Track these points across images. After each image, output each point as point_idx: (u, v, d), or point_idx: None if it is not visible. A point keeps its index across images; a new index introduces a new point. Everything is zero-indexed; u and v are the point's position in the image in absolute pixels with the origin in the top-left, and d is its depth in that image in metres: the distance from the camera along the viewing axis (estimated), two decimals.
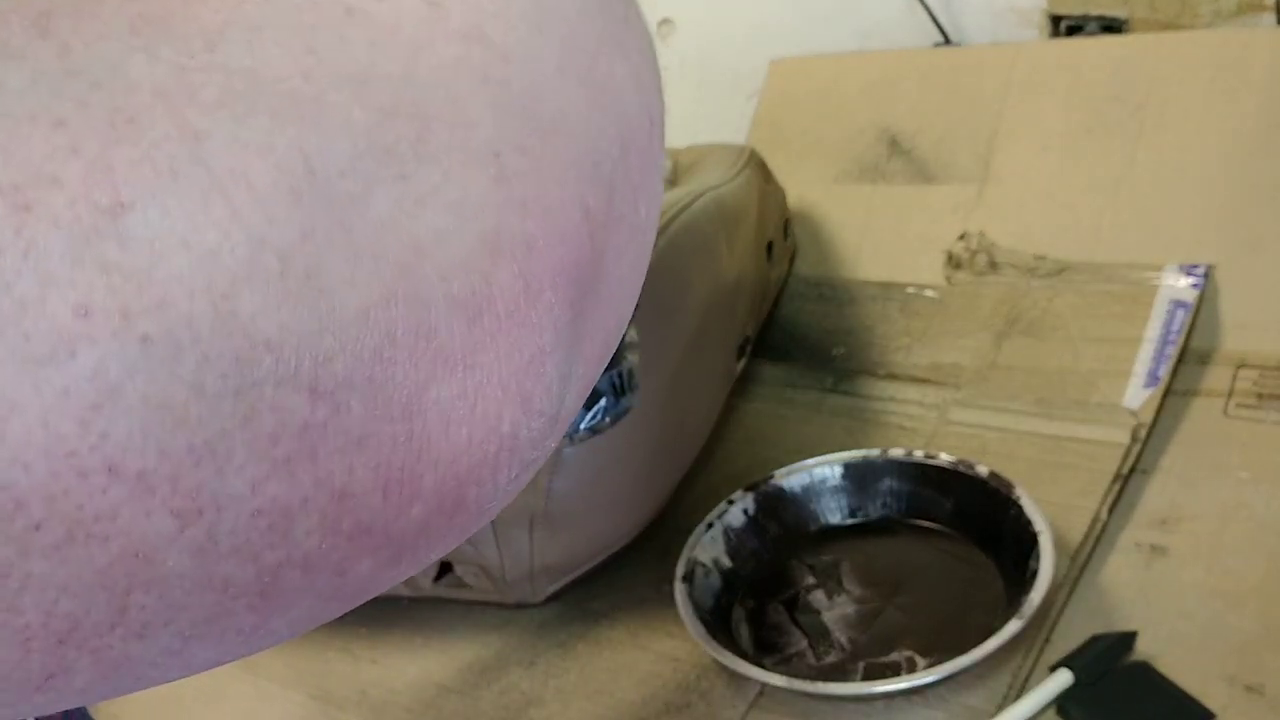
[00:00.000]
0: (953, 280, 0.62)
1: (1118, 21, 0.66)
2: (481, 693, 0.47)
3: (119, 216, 0.13)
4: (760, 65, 0.76)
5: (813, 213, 0.70)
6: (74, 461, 0.13)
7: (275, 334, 0.14)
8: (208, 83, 0.14)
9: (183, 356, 0.13)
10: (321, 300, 0.14)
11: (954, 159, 0.65)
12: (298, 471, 0.15)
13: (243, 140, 0.14)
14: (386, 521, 0.16)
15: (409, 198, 0.15)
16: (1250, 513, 0.46)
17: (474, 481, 0.17)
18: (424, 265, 0.15)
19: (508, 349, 0.17)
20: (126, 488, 0.13)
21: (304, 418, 0.14)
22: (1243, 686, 0.39)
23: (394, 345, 0.15)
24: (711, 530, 0.50)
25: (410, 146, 0.15)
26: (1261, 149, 0.56)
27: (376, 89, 0.15)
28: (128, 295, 0.13)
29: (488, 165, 0.16)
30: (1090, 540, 0.47)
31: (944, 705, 0.41)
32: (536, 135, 0.17)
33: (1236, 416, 0.51)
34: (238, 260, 0.14)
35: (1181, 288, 0.55)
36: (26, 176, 0.13)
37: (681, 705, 0.44)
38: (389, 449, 0.16)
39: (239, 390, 0.14)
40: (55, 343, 0.13)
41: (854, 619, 0.46)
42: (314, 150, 0.15)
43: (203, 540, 0.14)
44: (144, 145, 0.13)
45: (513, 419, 0.17)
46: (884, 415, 0.58)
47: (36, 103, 0.13)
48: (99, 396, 0.13)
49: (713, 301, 0.55)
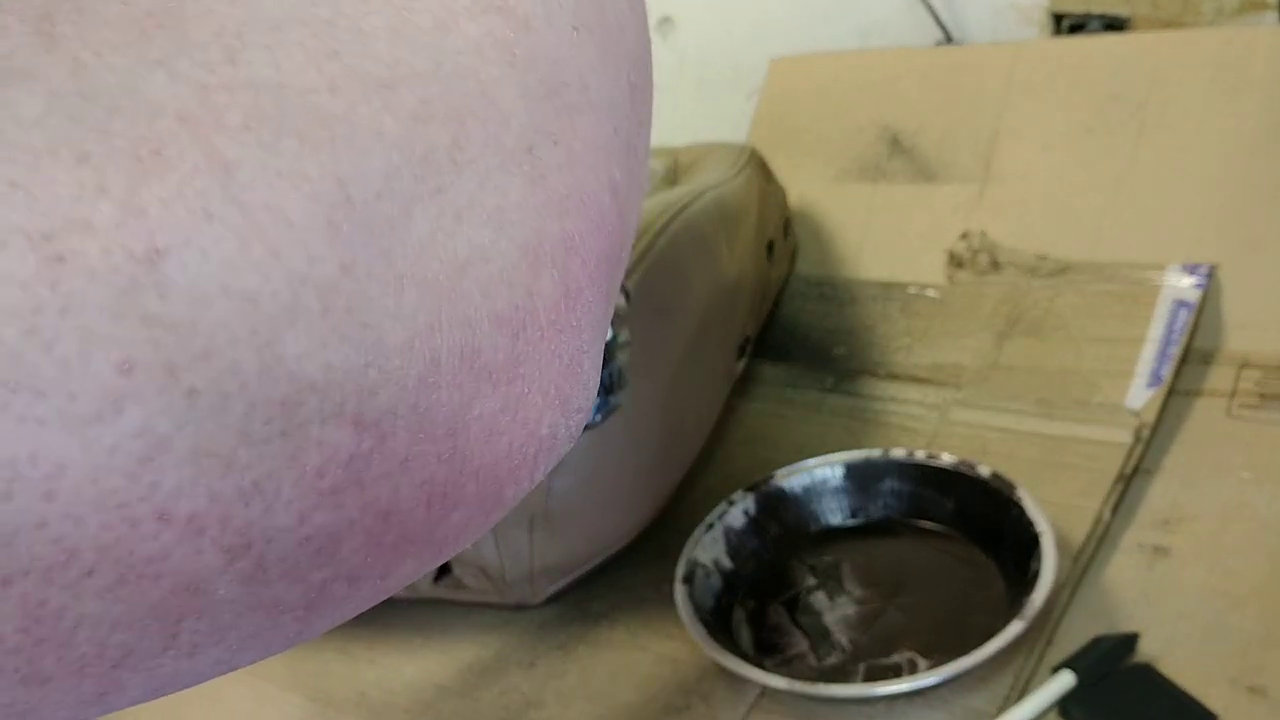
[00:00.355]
0: (954, 280, 0.62)
1: (1119, 20, 0.65)
2: (481, 694, 0.47)
3: (156, 264, 0.13)
4: (760, 64, 0.76)
5: (813, 212, 0.69)
6: (124, 512, 0.13)
7: (320, 375, 0.14)
8: (233, 104, 0.13)
9: (230, 406, 0.13)
10: (365, 335, 0.14)
11: (955, 158, 0.65)
12: (345, 500, 0.15)
13: (274, 169, 0.13)
14: (429, 529, 0.16)
15: (447, 213, 0.15)
16: (1253, 513, 0.46)
17: (513, 482, 0.17)
18: (466, 285, 0.15)
19: (549, 356, 0.17)
20: (177, 532, 0.13)
21: (350, 450, 0.14)
22: (1245, 688, 0.39)
23: (438, 370, 0.15)
24: (712, 531, 0.49)
25: (446, 153, 0.15)
26: (1264, 148, 0.56)
27: (406, 92, 0.15)
28: (171, 349, 0.13)
29: (522, 164, 0.16)
30: (1092, 541, 0.47)
31: (945, 707, 0.41)
32: (564, 116, 0.17)
33: (1239, 417, 0.51)
34: (279, 304, 0.13)
35: (1184, 287, 0.55)
36: (56, 223, 0.12)
37: (682, 707, 0.44)
38: (433, 466, 0.16)
39: (285, 432, 0.14)
40: (101, 403, 0.12)
41: (855, 620, 0.46)
42: (349, 174, 0.14)
43: (252, 570, 0.14)
44: (174, 181, 0.13)
45: (551, 421, 0.17)
46: (885, 415, 0.58)
47: (55, 133, 0.12)
48: (147, 451, 0.13)
49: (713, 301, 0.55)
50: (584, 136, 0.17)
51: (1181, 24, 0.63)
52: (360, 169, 0.14)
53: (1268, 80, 0.57)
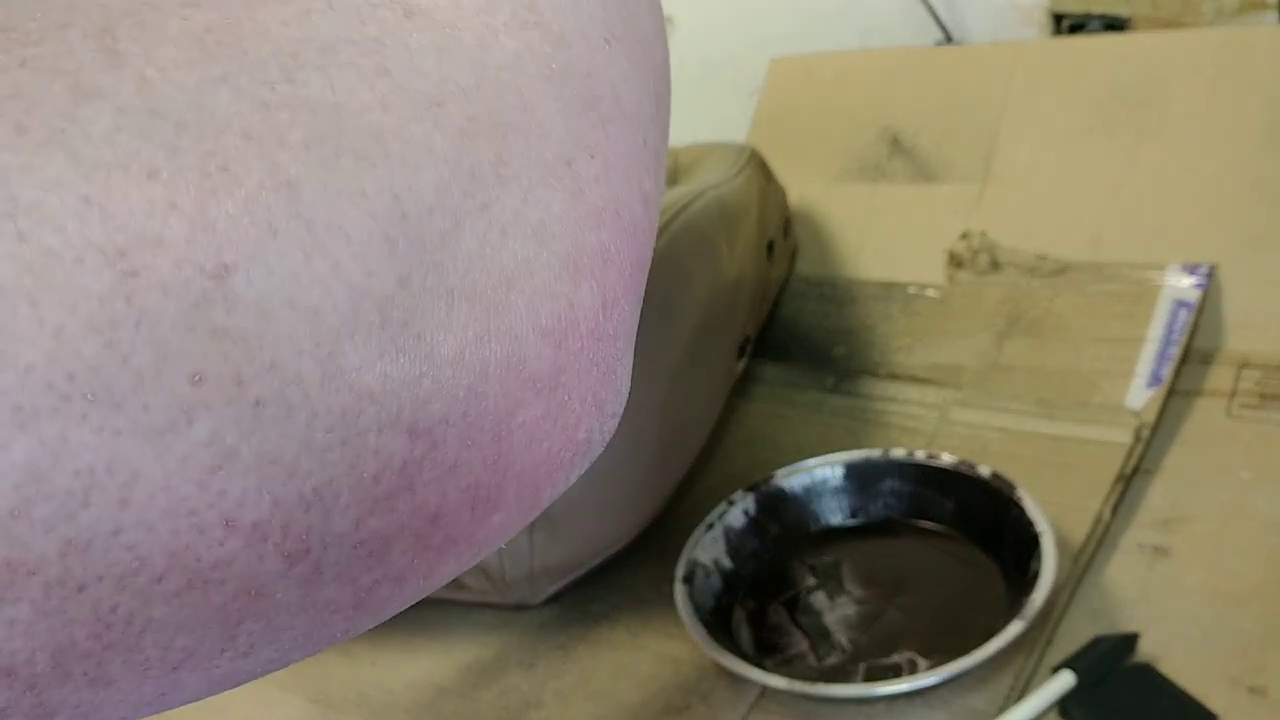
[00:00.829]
0: (954, 280, 0.62)
1: (1120, 20, 0.65)
2: (481, 694, 0.47)
3: (225, 279, 0.13)
4: (761, 64, 0.76)
5: (814, 212, 0.69)
6: (194, 519, 0.13)
7: (378, 385, 0.14)
8: (294, 122, 0.14)
9: (294, 415, 0.14)
10: (419, 346, 0.15)
11: (955, 158, 0.65)
12: (397, 505, 0.15)
13: (334, 186, 0.14)
14: (472, 531, 0.17)
15: (494, 227, 0.15)
16: (1253, 513, 0.46)
17: (549, 485, 0.18)
18: (512, 298, 0.16)
19: (589, 365, 0.17)
20: (242, 538, 0.14)
21: (404, 457, 0.15)
22: (1245, 688, 0.39)
23: (486, 380, 0.16)
24: (712, 531, 0.49)
25: (491, 168, 0.16)
26: (1264, 147, 0.56)
27: (453, 108, 0.15)
28: (239, 360, 0.13)
29: (563, 177, 0.16)
30: (1092, 541, 0.47)
31: (945, 707, 0.41)
32: (600, 129, 0.17)
33: (1239, 417, 0.51)
34: (341, 316, 0.14)
35: (1184, 287, 0.55)
36: (130, 238, 0.12)
37: (682, 707, 0.44)
38: (478, 471, 0.16)
39: (345, 440, 0.14)
40: (174, 413, 0.13)
41: (855, 620, 0.46)
42: (404, 190, 0.15)
43: (309, 574, 0.15)
44: (241, 197, 0.13)
45: (588, 426, 0.18)
46: (885, 415, 0.58)
47: (125, 149, 0.13)
48: (216, 460, 0.13)
49: (713, 301, 0.55)
50: (618, 148, 0.18)
51: (1181, 24, 0.63)
52: (414, 185, 0.15)
53: (1268, 80, 0.57)
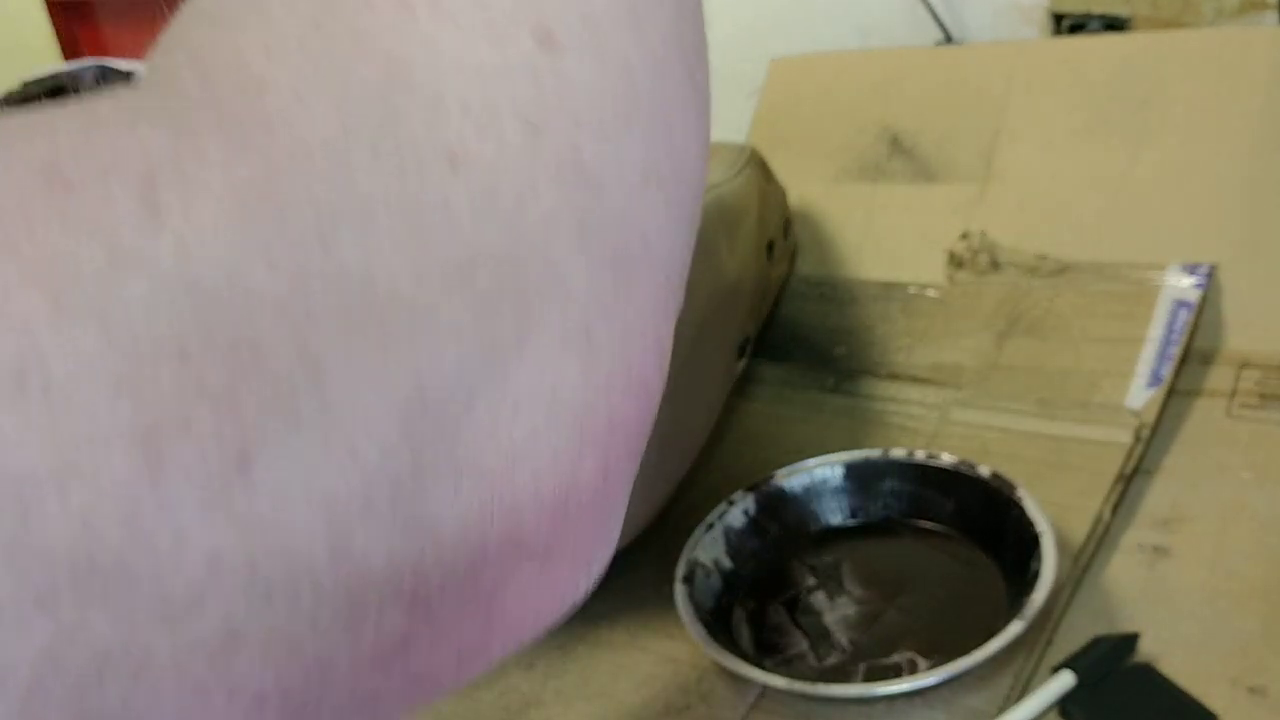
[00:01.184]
0: (954, 280, 0.62)
1: (1120, 20, 0.65)
2: (481, 694, 0.47)
3: (247, 465, 0.13)
4: (761, 63, 0.76)
5: (814, 212, 0.69)
6: (200, 695, 0.13)
7: (384, 563, 0.14)
8: (325, 293, 0.14)
9: (301, 596, 0.14)
10: (425, 524, 0.15)
11: (956, 158, 0.65)
12: (391, 669, 0.15)
13: (359, 368, 0.14)
14: (456, 678, 0.17)
15: (507, 401, 0.15)
16: (1253, 513, 0.46)
17: (533, 634, 0.18)
18: (518, 471, 0.16)
19: (584, 529, 0.17)
20: (243, 706, 0.14)
21: (403, 630, 0.15)
22: (1245, 688, 0.39)
23: (485, 555, 0.16)
24: (712, 531, 0.49)
25: (512, 340, 0.15)
26: (1264, 147, 0.56)
27: (483, 276, 0.15)
28: (254, 545, 0.13)
29: (580, 345, 0.16)
30: (1092, 541, 0.47)
31: (945, 707, 0.41)
32: (623, 286, 0.17)
33: (1239, 417, 0.51)
34: (354, 500, 0.14)
35: (1184, 287, 0.55)
36: (157, 418, 0.12)
37: (682, 707, 0.44)
38: (468, 633, 0.16)
39: (348, 616, 0.14)
40: (189, 597, 0.13)
41: (855, 620, 0.46)
42: (424, 369, 0.14)
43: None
44: (270, 382, 0.13)
45: (576, 582, 0.18)
46: (885, 415, 0.58)
47: (160, 327, 0.13)
48: (226, 639, 0.13)
49: (713, 301, 0.55)
50: (638, 304, 0.17)
51: (1181, 24, 0.63)
52: (435, 364, 0.15)
53: (1268, 80, 0.57)
